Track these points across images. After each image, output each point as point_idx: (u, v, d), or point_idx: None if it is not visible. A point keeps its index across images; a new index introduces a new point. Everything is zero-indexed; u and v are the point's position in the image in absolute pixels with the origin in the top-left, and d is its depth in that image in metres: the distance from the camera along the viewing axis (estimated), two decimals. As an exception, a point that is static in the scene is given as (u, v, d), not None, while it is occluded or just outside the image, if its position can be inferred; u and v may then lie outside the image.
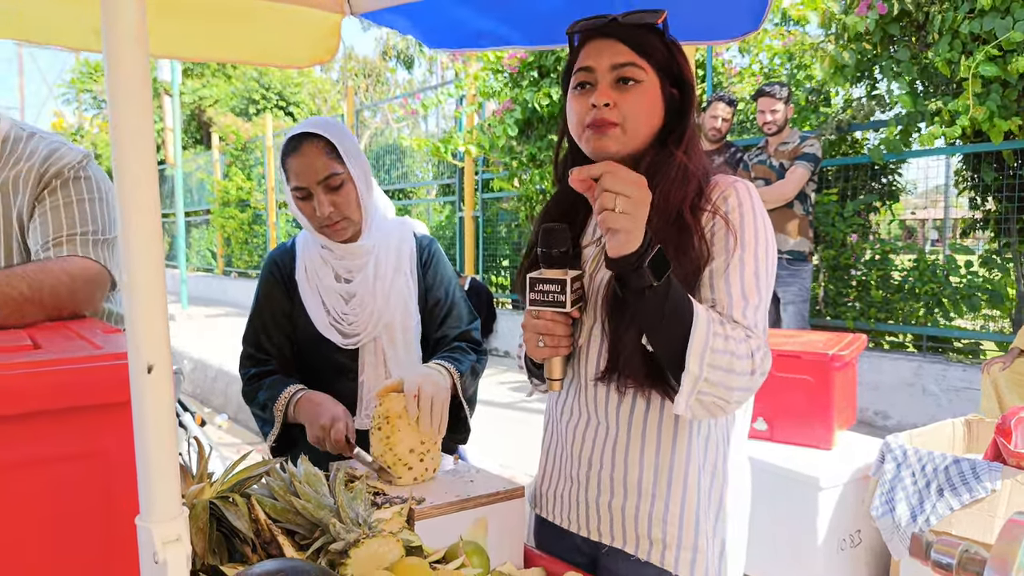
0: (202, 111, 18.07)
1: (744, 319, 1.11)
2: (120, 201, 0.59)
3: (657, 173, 1.18)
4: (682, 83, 1.23)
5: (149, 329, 0.57)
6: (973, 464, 2.17)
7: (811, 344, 2.75)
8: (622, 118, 1.18)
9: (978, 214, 5.27)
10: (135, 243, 0.58)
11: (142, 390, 0.57)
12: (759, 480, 2.52)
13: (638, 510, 1.22)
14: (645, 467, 1.22)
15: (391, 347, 1.73)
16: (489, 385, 6.17)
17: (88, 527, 0.81)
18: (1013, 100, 4.31)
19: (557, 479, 1.35)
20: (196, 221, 16.27)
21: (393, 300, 1.73)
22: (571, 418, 1.31)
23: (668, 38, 1.23)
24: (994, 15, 4.10)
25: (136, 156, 0.58)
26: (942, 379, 4.61)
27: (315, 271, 1.74)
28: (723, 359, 1.06)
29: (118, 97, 0.58)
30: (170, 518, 0.61)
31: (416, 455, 1.43)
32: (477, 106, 7.47)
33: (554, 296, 1.16)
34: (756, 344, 1.10)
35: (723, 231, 1.15)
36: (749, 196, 1.18)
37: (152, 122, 0.62)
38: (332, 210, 1.65)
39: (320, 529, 1.07)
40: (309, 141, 1.65)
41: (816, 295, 5.47)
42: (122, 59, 0.59)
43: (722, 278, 1.13)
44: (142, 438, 0.58)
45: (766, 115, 4.61)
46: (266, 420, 1.69)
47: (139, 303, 0.57)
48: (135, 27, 0.60)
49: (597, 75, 1.20)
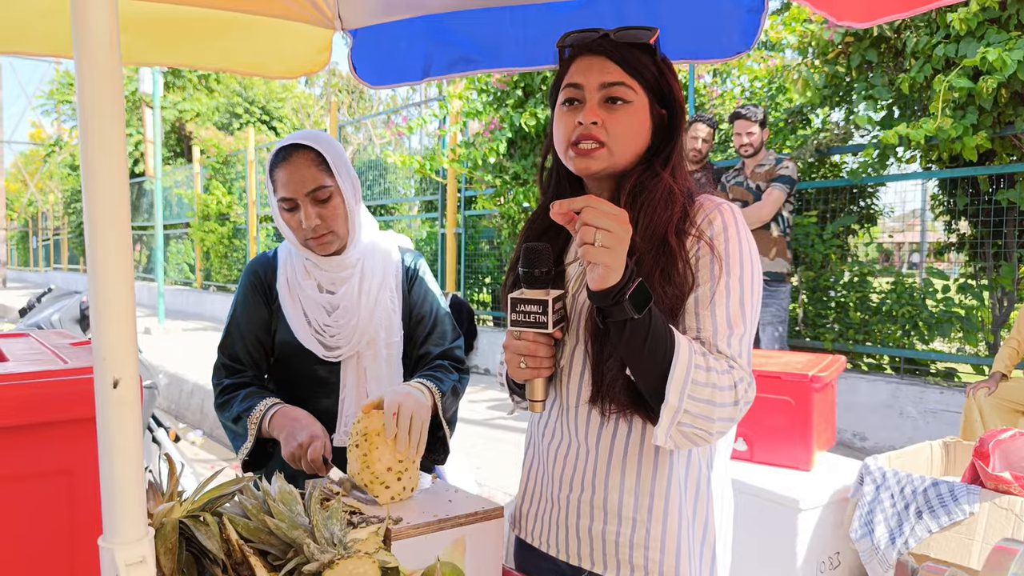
0: (183, 124, 17.96)
1: (728, 348, 1.10)
2: (89, 215, 0.57)
3: (642, 193, 1.17)
4: (671, 103, 1.22)
5: (116, 342, 0.55)
6: (952, 487, 2.17)
7: (791, 365, 2.75)
8: (608, 137, 1.17)
9: (953, 238, 5.35)
10: (103, 256, 0.56)
11: (107, 405, 0.55)
12: (739, 501, 2.51)
13: (619, 535, 1.20)
14: (626, 492, 1.20)
15: (373, 363, 1.71)
16: (469, 403, 6.14)
17: (52, 548, 0.78)
18: (988, 125, 4.39)
19: (538, 501, 1.32)
20: (175, 234, 16.13)
21: (378, 315, 1.71)
22: (553, 439, 1.29)
23: (660, 57, 1.22)
24: (969, 39, 4.19)
25: (106, 168, 0.57)
26: (919, 401, 4.64)
27: (297, 282, 1.71)
28: (704, 391, 1.05)
29: (89, 109, 0.57)
30: (135, 539, 0.59)
31: (394, 474, 1.40)
32: (461, 124, 7.49)
33: (536, 317, 1.14)
34: (739, 375, 1.09)
35: (708, 257, 1.14)
36: (734, 220, 1.17)
37: (124, 135, 0.60)
38: (319, 222, 1.63)
39: (294, 549, 1.05)
40: (299, 152, 1.62)
41: (796, 316, 5.51)
42: (94, 69, 0.57)
43: (707, 306, 1.12)
44: (107, 455, 0.56)
45: (742, 137, 4.66)
46: (238, 434, 1.65)
47: (106, 316, 0.55)
48: (107, 35, 0.58)
49: (586, 92, 1.19)
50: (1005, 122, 4.45)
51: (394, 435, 1.38)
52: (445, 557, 1.33)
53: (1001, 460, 2.19)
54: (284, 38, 2.04)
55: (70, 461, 0.76)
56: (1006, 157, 4.64)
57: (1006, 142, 4.56)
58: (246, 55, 2.07)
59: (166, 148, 17.98)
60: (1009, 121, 4.42)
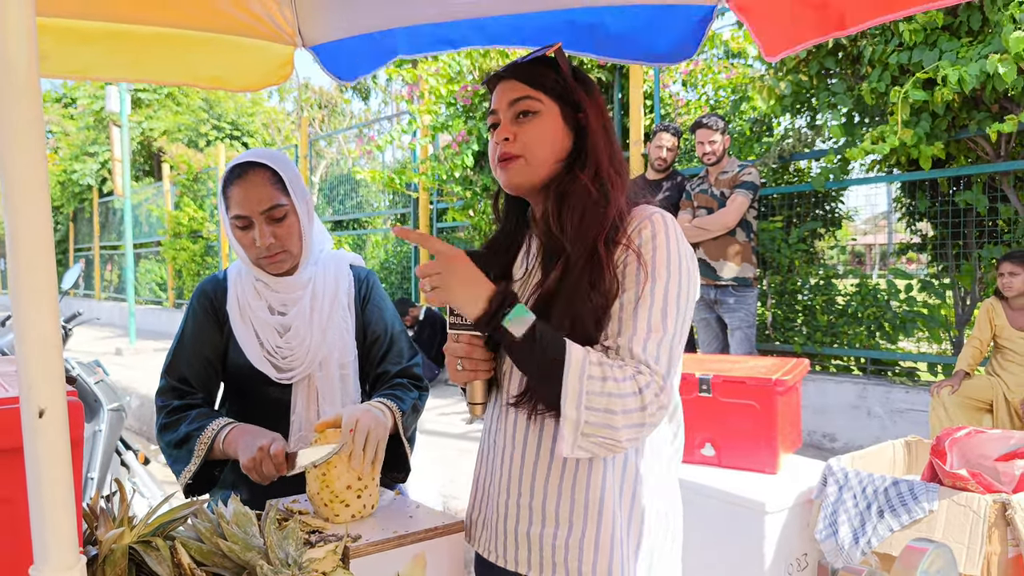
0: (151, 141, 17.78)
1: (644, 352, 1.11)
2: (9, 230, 0.55)
3: (567, 198, 1.21)
4: (583, 108, 1.25)
5: (41, 371, 0.55)
6: (911, 485, 2.21)
7: (755, 369, 2.79)
8: (523, 149, 1.23)
9: (915, 238, 5.46)
10: (24, 277, 0.55)
11: (33, 435, 0.55)
12: (706, 506, 2.54)
13: (555, 538, 1.20)
14: (562, 494, 1.21)
15: (326, 383, 1.69)
16: (441, 415, 6.12)
17: (-8, 577, 0.77)
18: (944, 130, 4.50)
19: (484, 508, 1.33)
20: (146, 253, 15.93)
21: (330, 335, 1.70)
22: (496, 444, 1.30)
23: (571, 67, 1.27)
24: (922, 48, 4.29)
25: (25, 187, 0.55)
26: (886, 401, 4.72)
27: (248, 303, 1.69)
28: (600, 400, 1.07)
29: (7, 132, 0.56)
30: (66, 567, 0.58)
31: (353, 492, 1.40)
32: (431, 137, 7.50)
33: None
34: (646, 380, 1.09)
35: (635, 264, 1.16)
36: (664, 227, 1.18)
37: (44, 143, 0.59)
38: (273, 241, 1.62)
39: (248, 571, 1.04)
40: (255, 170, 1.62)
41: (764, 320, 5.57)
42: (12, 89, 0.56)
43: (630, 311, 1.14)
44: (35, 484, 0.56)
45: (704, 146, 4.73)
46: (179, 457, 1.59)
47: (29, 343, 0.55)
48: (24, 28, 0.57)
49: (500, 115, 1.27)
50: (960, 126, 4.56)
51: (350, 452, 1.38)
52: (405, 573, 1.34)
53: (959, 458, 2.23)
54: (246, 53, 2.05)
55: (9, 490, 0.75)
56: (963, 159, 4.75)
57: (962, 145, 4.67)
58: (209, 69, 2.07)
59: (135, 167, 17.78)
60: (963, 125, 4.53)
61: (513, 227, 1.37)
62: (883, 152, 4.39)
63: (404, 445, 1.62)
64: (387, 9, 1.93)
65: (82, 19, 1.81)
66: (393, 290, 9.34)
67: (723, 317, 4.74)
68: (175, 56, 2.00)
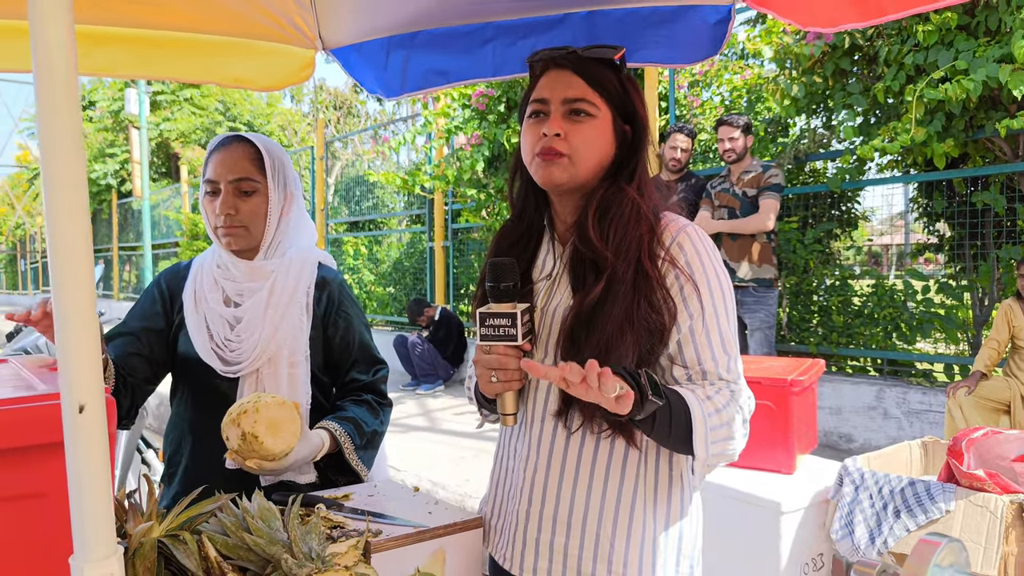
0: (169, 143, 17.96)
1: (728, 374, 1.17)
2: (51, 237, 0.58)
3: (610, 209, 1.20)
4: (634, 120, 1.24)
5: (81, 368, 0.57)
6: (928, 485, 2.21)
7: (771, 370, 2.79)
8: (571, 149, 1.20)
9: (932, 239, 5.42)
10: (66, 280, 0.57)
11: (74, 430, 0.58)
12: (722, 506, 2.54)
13: (581, 548, 1.20)
14: (590, 506, 1.20)
15: (272, 380, 1.64)
16: (455, 415, 6.15)
17: (26, 568, 0.80)
18: (961, 130, 4.46)
19: (501, 513, 1.33)
20: (164, 254, 16.09)
21: (282, 332, 1.65)
22: (518, 452, 1.30)
23: (625, 74, 1.25)
24: (938, 48, 4.26)
25: (66, 192, 0.58)
26: (903, 402, 4.69)
27: (204, 294, 1.67)
28: (722, 432, 1.13)
29: (49, 128, 0.58)
30: (103, 557, 0.61)
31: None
32: (445, 139, 7.53)
33: (505, 330, 1.17)
34: (740, 395, 1.17)
35: (689, 286, 1.17)
36: (700, 241, 1.20)
37: (83, 154, 0.61)
38: (233, 213, 1.61)
39: (272, 565, 1.07)
40: (237, 143, 1.63)
41: (781, 321, 5.56)
42: (51, 86, 0.58)
43: (703, 338, 1.17)
44: (75, 478, 0.58)
45: (725, 143, 4.73)
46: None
47: (70, 342, 0.57)
48: (64, 48, 0.59)
49: (551, 106, 1.22)
50: (977, 126, 4.52)
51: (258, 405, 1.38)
52: (425, 568, 1.35)
53: (975, 458, 2.23)
54: (268, 55, 2.10)
55: (43, 484, 0.78)
56: (980, 160, 4.71)
57: (979, 145, 4.64)
58: (231, 70, 2.12)
59: (152, 168, 17.96)
60: (980, 125, 4.49)
61: (531, 220, 1.35)
62: (894, 151, 4.37)
63: (356, 467, 1.63)
64: (405, 8, 1.95)
65: (114, 26, 1.86)
66: (407, 290, 9.38)
67: (743, 317, 4.73)
68: (196, 56, 2.06)
